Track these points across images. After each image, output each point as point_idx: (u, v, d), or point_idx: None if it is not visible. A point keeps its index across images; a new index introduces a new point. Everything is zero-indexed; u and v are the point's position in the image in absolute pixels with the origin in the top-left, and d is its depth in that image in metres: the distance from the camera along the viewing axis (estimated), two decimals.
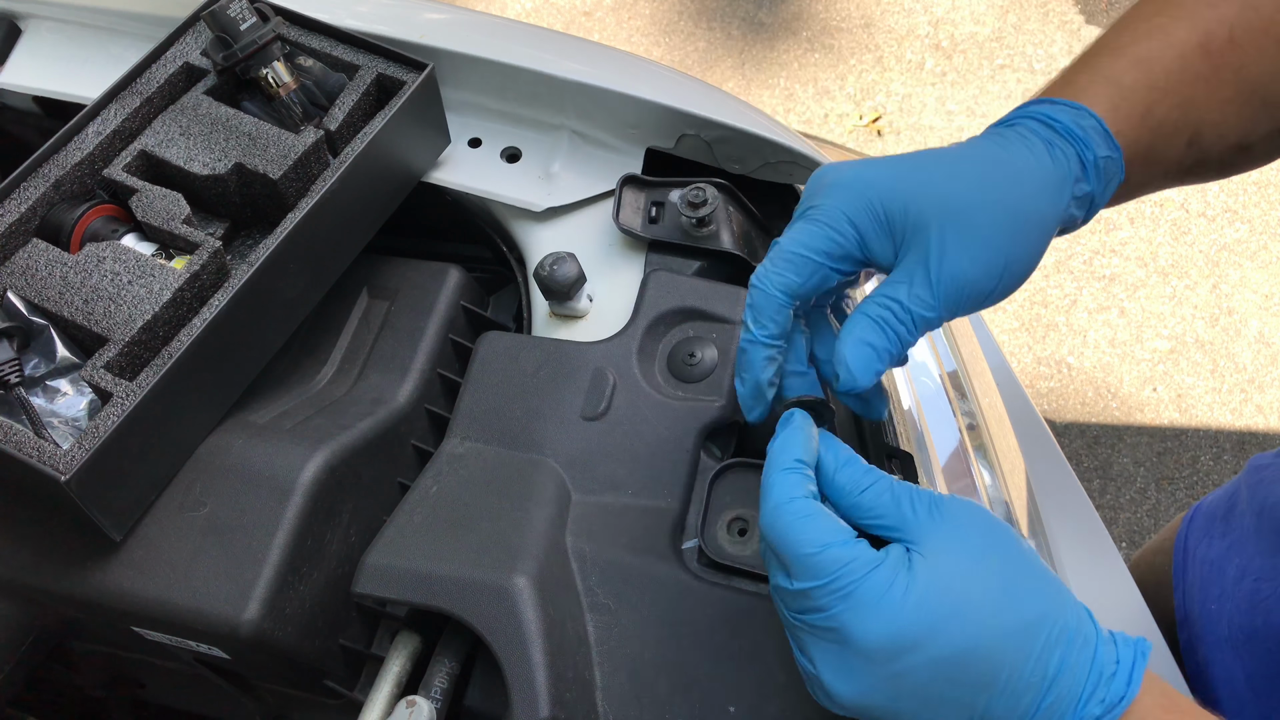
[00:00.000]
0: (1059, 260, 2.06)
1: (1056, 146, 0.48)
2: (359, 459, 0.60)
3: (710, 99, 0.77)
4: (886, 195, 0.46)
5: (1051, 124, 0.49)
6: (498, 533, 0.54)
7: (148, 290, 0.57)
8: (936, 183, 0.46)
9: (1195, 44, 0.52)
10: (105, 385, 0.54)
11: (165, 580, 0.55)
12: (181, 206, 0.62)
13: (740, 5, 2.45)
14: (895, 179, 0.47)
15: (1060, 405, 1.93)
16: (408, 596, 0.52)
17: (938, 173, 0.47)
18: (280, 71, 0.66)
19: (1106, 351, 1.97)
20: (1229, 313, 1.97)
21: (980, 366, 0.93)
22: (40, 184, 0.62)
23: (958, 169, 0.47)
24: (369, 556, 0.53)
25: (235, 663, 0.58)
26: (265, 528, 0.55)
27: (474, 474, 0.59)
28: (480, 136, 0.78)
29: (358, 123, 0.67)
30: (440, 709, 0.51)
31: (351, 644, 0.60)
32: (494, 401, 0.63)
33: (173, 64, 0.68)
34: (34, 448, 0.52)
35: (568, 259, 0.66)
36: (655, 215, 0.72)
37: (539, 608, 0.50)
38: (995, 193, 0.46)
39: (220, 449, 0.59)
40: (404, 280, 0.71)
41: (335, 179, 0.63)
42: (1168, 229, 2.08)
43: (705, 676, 0.51)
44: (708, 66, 2.37)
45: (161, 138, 0.65)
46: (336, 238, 0.66)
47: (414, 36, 0.76)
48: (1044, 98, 0.51)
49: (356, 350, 0.69)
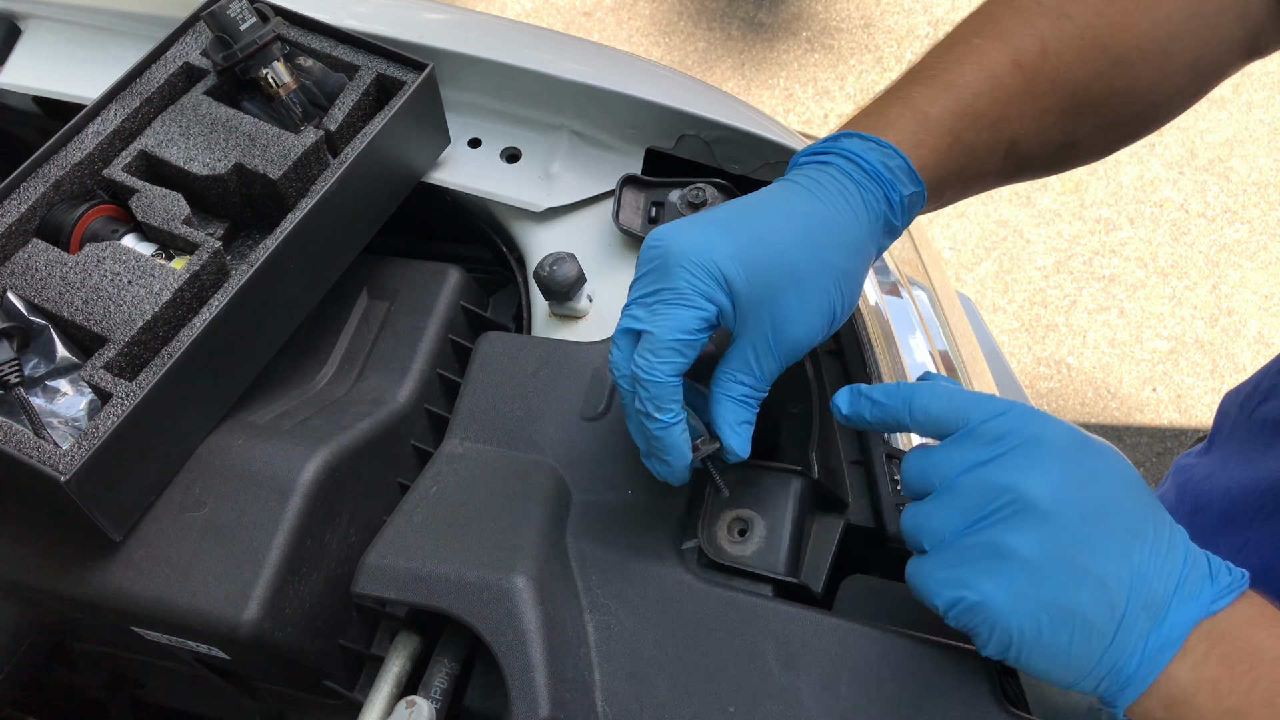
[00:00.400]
0: (1059, 261, 2.06)
1: (868, 190, 0.51)
2: (359, 459, 0.60)
3: (710, 99, 0.77)
4: (732, 268, 0.49)
5: (862, 165, 0.51)
6: (497, 533, 0.54)
7: (147, 290, 0.57)
8: (777, 253, 0.49)
9: (1008, 62, 0.54)
10: (105, 385, 0.54)
11: (165, 580, 0.54)
12: (181, 207, 0.62)
13: (740, 5, 2.45)
14: (739, 251, 0.49)
15: (1060, 405, 1.93)
16: (407, 596, 0.52)
17: (777, 242, 0.49)
18: (280, 72, 0.66)
19: (1106, 352, 1.97)
20: (1229, 313, 1.97)
21: (980, 367, 0.93)
22: (40, 184, 0.62)
23: (792, 236, 0.50)
24: (369, 556, 0.53)
25: (235, 663, 0.58)
26: (265, 528, 0.55)
27: (474, 474, 0.59)
28: (480, 137, 0.78)
29: (358, 123, 0.68)
30: (440, 709, 0.51)
31: (351, 644, 0.60)
32: (494, 402, 0.63)
33: (172, 64, 0.68)
34: (34, 448, 0.52)
35: (567, 259, 0.66)
36: (655, 215, 0.72)
37: (538, 607, 0.50)
38: (825, 254, 0.50)
39: (220, 449, 0.59)
40: (404, 280, 0.71)
41: (335, 179, 0.63)
42: (1167, 229, 2.08)
43: (705, 676, 0.51)
44: (707, 67, 2.37)
45: (161, 138, 0.65)
46: (336, 238, 0.66)
47: (414, 37, 0.76)
48: (855, 132, 0.53)
49: (356, 350, 0.69)
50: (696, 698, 0.50)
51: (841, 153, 0.52)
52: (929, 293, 0.94)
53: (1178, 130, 2.19)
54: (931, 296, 0.94)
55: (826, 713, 0.49)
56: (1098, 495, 0.43)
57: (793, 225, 0.50)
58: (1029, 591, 0.42)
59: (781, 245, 0.49)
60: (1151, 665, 0.42)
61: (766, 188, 0.53)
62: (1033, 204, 2.13)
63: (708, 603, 0.53)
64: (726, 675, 0.51)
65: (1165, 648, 0.42)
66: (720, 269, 0.48)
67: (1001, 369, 1.04)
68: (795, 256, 0.49)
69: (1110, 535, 0.42)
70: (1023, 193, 2.15)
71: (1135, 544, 0.42)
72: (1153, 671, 0.41)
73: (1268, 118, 2.17)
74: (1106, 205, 2.12)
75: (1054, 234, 2.09)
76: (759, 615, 0.52)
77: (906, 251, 0.97)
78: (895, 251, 0.91)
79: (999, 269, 2.07)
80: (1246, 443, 0.74)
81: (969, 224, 2.12)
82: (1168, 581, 0.42)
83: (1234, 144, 2.16)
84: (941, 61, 0.55)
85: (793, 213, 0.50)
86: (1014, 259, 2.08)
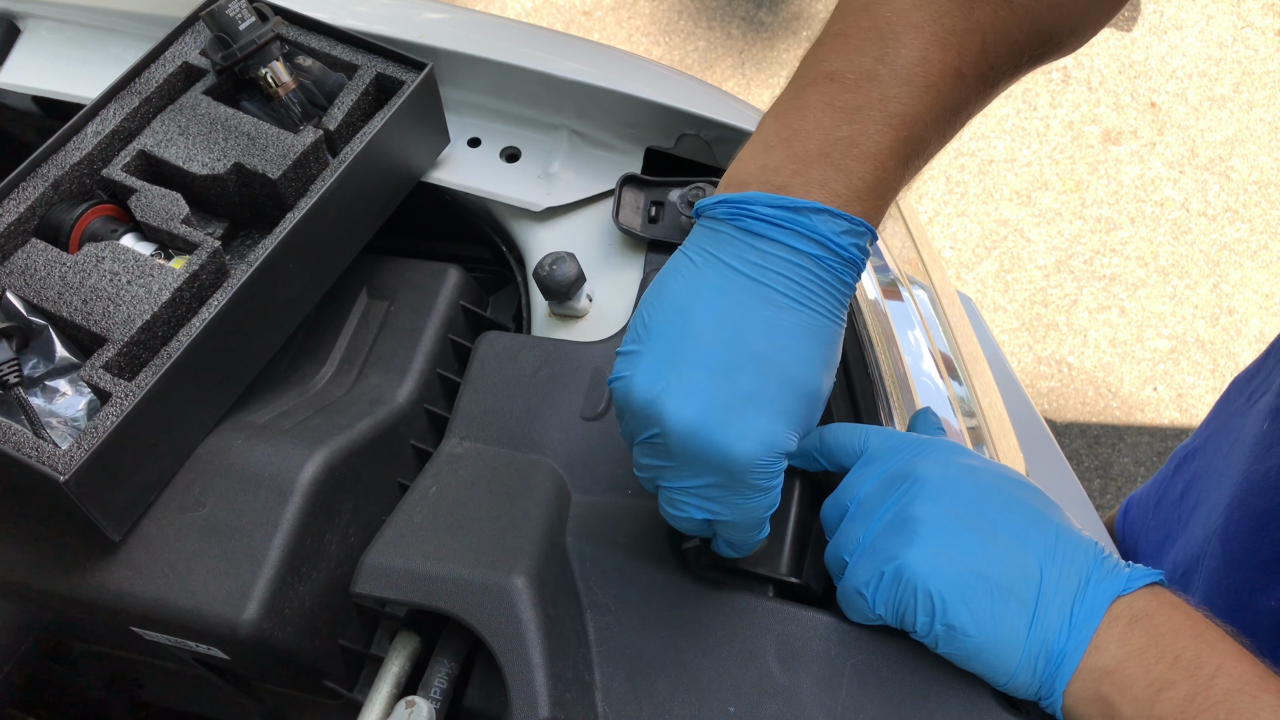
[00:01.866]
0: (1059, 260, 2.06)
1: (846, 277, 0.47)
2: (358, 459, 0.60)
3: (710, 98, 0.77)
4: (791, 439, 0.47)
5: (839, 253, 0.46)
6: (497, 533, 0.54)
7: (147, 290, 0.57)
8: (813, 398, 0.47)
9: (951, 73, 0.47)
10: (104, 385, 0.54)
11: (164, 580, 0.54)
12: (180, 206, 0.62)
13: (740, 4, 2.45)
14: (789, 416, 0.46)
15: (1060, 405, 1.93)
16: (407, 597, 0.52)
17: (811, 388, 0.47)
18: (279, 71, 0.66)
19: (1107, 351, 1.97)
20: (1229, 312, 1.97)
21: (980, 366, 0.93)
22: (39, 184, 0.62)
23: (817, 371, 0.47)
24: (368, 556, 0.53)
25: (234, 663, 0.58)
26: (264, 528, 0.55)
27: (473, 474, 0.59)
28: (480, 136, 0.78)
29: (357, 122, 0.67)
30: (440, 709, 0.51)
31: (351, 644, 0.60)
32: (493, 401, 0.62)
33: (172, 64, 0.68)
34: (33, 448, 0.52)
35: (567, 259, 0.66)
36: (655, 215, 0.72)
37: (538, 608, 0.50)
38: (832, 356, 0.48)
39: (219, 449, 0.59)
40: (403, 280, 0.71)
41: (334, 179, 0.63)
42: (1168, 228, 2.08)
43: (705, 676, 0.51)
44: (708, 66, 2.37)
45: (160, 137, 0.65)
46: (335, 238, 0.66)
47: (413, 36, 0.76)
48: (821, 206, 0.45)
49: (356, 350, 0.69)
50: (696, 697, 0.50)
51: (814, 236, 0.45)
52: (929, 292, 0.94)
53: (1178, 129, 2.19)
54: (932, 296, 0.94)
55: (826, 713, 0.49)
56: (992, 483, 0.48)
57: (814, 358, 0.46)
58: (943, 550, 0.45)
59: (818, 390, 0.47)
60: (1080, 634, 0.43)
61: (736, 288, 0.46)
62: (1033, 203, 2.13)
63: (708, 603, 0.53)
64: (727, 675, 0.51)
65: (1091, 616, 0.43)
66: (785, 451, 0.46)
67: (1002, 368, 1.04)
68: (827, 390, 0.48)
69: (1010, 510, 0.47)
70: (1023, 192, 2.15)
71: (1036, 525, 0.46)
72: (1082, 641, 0.43)
73: (1268, 116, 2.17)
74: (1107, 204, 2.12)
75: (1054, 233, 2.09)
76: (759, 615, 0.52)
77: (906, 251, 0.97)
78: (895, 251, 0.90)
79: (999, 268, 2.07)
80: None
81: (969, 223, 2.12)
82: (1082, 558, 0.45)
83: (1235, 143, 2.16)
84: (885, 72, 0.47)
85: (806, 342, 0.46)
86: (1014, 258, 2.07)
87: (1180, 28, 2.33)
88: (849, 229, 0.46)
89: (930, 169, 2.40)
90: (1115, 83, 2.27)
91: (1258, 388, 0.77)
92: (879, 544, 0.47)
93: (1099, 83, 2.27)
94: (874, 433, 0.51)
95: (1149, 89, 2.26)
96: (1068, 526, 0.47)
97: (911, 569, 0.45)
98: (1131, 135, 2.20)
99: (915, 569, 0.45)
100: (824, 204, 0.45)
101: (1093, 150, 2.19)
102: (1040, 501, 0.48)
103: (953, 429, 0.74)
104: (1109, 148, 2.20)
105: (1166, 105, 2.24)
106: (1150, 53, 2.30)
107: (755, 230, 0.46)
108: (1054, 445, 1.08)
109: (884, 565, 0.46)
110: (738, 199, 0.46)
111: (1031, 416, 1.09)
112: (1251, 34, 2.31)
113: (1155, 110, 2.23)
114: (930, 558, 0.45)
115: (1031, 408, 1.10)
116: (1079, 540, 0.46)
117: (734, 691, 0.50)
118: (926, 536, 0.45)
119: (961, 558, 0.45)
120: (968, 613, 0.44)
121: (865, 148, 0.46)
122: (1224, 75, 2.26)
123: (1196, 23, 2.34)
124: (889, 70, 0.46)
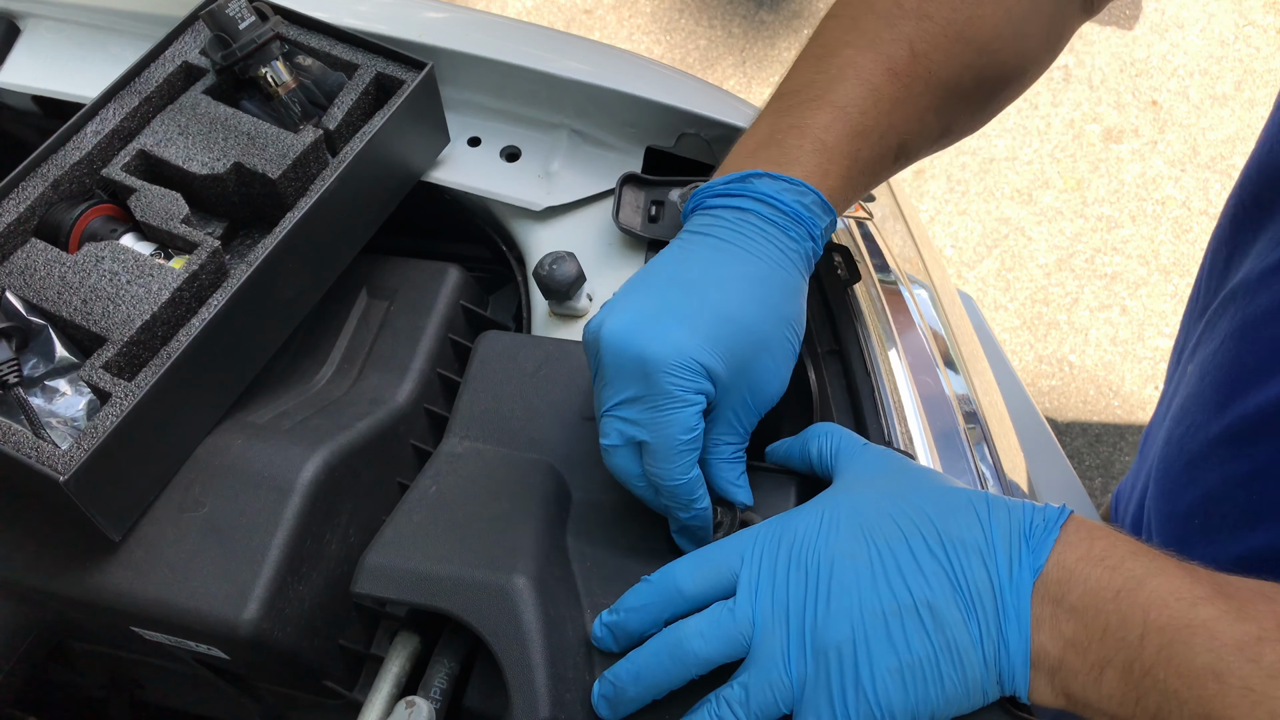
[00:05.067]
0: (1060, 259, 2.06)
1: (792, 231, 0.52)
2: (358, 459, 0.60)
3: (710, 97, 0.77)
4: (710, 359, 0.49)
5: (780, 208, 0.52)
6: (497, 533, 0.54)
7: (146, 290, 0.57)
8: (743, 329, 0.50)
9: (883, 71, 0.55)
10: (104, 385, 0.54)
11: (164, 580, 0.54)
12: (180, 206, 0.62)
13: (741, 3, 2.45)
14: (710, 337, 0.49)
15: (1062, 404, 1.93)
16: (407, 597, 0.51)
17: (740, 317, 0.50)
18: (279, 70, 0.66)
19: (1108, 350, 1.97)
20: None
21: (981, 365, 0.93)
22: (39, 183, 0.62)
23: (750, 306, 0.51)
24: (368, 556, 0.53)
25: (234, 663, 0.58)
26: (264, 528, 0.55)
27: (473, 474, 0.59)
28: (480, 135, 0.78)
29: (357, 122, 0.67)
30: (440, 709, 0.51)
31: (351, 644, 0.60)
32: (493, 401, 0.62)
33: (171, 63, 0.68)
34: (32, 448, 0.52)
35: (567, 258, 0.66)
36: (655, 214, 0.72)
37: (538, 608, 0.50)
38: (779, 310, 0.52)
39: (219, 449, 0.59)
40: (403, 280, 0.71)
41: (334, 178, 0.63)
42: (1169, 227, 2.07)
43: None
44: (708, 65, 2.37)
45: (160, 137, 0.65)
46: (335, 237, 0.66)
47: (413, 35, 0.76)
48: (763, 171, 0.53)
49: (355, 350, 0.68)
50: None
51: (756, 196, 0.52)
52: (930, 291, 0.94)
53: (1180, 128, 2.19)
54: (932, 295, 0.94)
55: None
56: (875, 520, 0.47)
57: (745, 293, 0.51)
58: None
59: (744, 319, 0.50)
60: (1017, 651, 0.42)
61: (688, 244, 0.53)
62: (1034, 202, 2.13)
63: None
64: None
65: (1019, 621, 0.42)
66: (700, 363, 0.49)
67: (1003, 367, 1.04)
68: (759, 326, 0.51)
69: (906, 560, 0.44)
70: (1024, 190, 2.15)
71: (931, 564, 0.44)
72: (1022, 657, 0.42)
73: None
74: (1108, 203, 2.12)
75: (1056, 232, 2.09)
76: None
77: (907, 250, 0.96)
78: (895, 250, 0.90)
79: (1000, 267, 2.07)
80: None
81: (970, 222, 2.12)
82: (979, 563, 0.43)
83: (1236, 141, 2.16)
84: (821, 78, 0.55)
85: (740, 278, 0.51)
86: (1015, 257, 2.07)
87: (1182, 26, 2.33)
88: (788, 188, 0.52)
89: (931, 169, 2.41)
90: (1116, 81, 2.27)
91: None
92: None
93: (1100, 81, 2.27)
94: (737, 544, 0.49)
95: (1150, 87, 2.26)
96: (953, 530, 0.44)
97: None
98: (1133, 133, 2.20)
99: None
100: (764, 170, 0.53)
101: (1094, 149, 2.19)
102: (918, 517, 0.46)
103: (953, 429, 0.74)
104: (1110, 146, 2.19)
105: (1168, 103, 2.23)
106: (1152, 51, 2.30)
107: (710, 205, 0.54)
108: (1055, 444, 1.08)
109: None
110: (701, 189, 0.55)
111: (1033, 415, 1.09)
112: (1253, 32, 2.31)
113: (1157, 108, 2.23)
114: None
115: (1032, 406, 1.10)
116: (968, 542, 0.44)
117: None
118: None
119: (871, 603, 0.44)
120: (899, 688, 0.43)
121: (802, 127, 0.54)
122: (1225, 73, 2.25)
123: (1198, 21, 2.33)
124: (824, 75, 0.55)
